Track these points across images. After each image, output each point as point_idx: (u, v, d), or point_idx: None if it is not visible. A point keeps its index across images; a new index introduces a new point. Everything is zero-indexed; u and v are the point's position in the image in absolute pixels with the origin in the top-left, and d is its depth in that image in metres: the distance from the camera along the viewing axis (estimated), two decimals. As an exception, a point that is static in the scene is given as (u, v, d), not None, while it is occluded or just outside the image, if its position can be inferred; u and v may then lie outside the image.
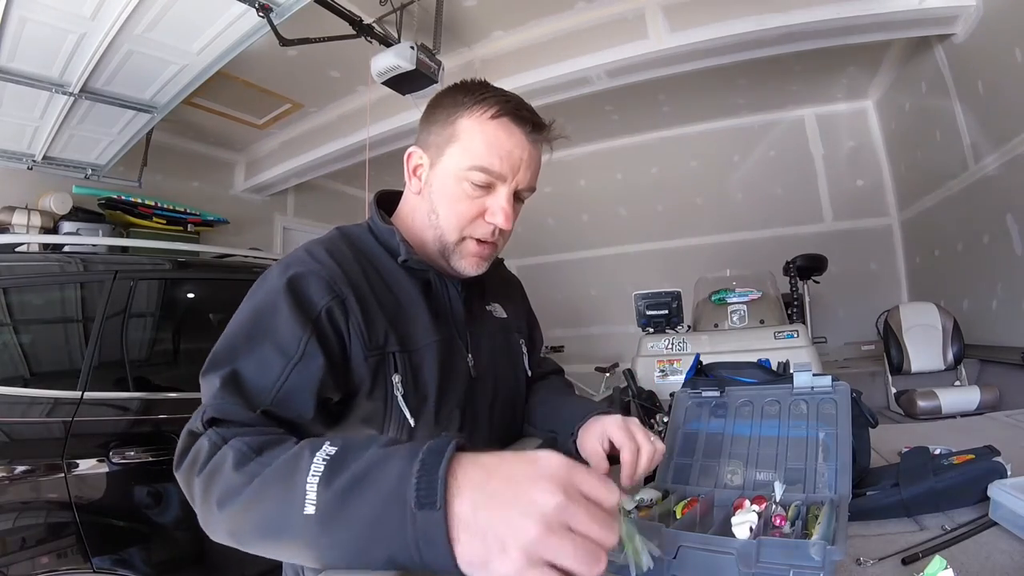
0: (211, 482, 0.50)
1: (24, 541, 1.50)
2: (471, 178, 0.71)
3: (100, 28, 2.31)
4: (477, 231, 0.74)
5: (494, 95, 0.72)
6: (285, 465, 0.46)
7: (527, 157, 0.73)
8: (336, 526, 0.40)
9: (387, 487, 0.40)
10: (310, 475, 0.42)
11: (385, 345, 0.69)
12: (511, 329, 0.91)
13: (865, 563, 0.58)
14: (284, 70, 3.63)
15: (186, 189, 4.50)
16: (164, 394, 1.84)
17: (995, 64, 2.92)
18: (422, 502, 0.37)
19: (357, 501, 0.40)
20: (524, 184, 0.74)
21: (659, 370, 2.82)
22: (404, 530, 0.38)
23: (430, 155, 0.75)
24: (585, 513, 0.37)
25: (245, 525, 0.47)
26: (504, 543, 0.35)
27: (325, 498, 0.41)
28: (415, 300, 0.75)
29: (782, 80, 4.46)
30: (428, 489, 0.38)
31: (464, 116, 0.72)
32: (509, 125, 0.71)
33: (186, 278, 2.08)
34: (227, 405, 0.57)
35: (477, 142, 0.71)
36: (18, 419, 1.59)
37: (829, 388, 0.79)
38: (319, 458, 0.44)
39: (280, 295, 0.65)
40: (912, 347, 3.35)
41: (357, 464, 0.42)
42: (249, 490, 0.46)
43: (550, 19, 3.48)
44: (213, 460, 0.51)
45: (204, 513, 0.51)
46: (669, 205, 5.64)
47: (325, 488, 0.41)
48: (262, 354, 0.62)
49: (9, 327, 1.74)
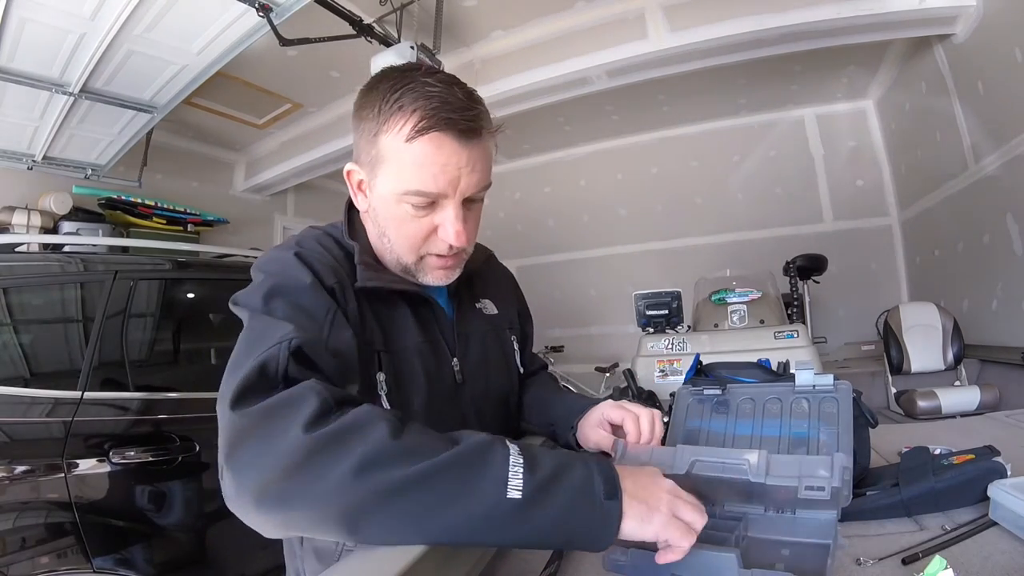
0: (343, 445, 0.45)
1: (24, 541, 1.50)
2: (410, 201, 0.65)
3: (100, 28, 2.32)
4: (433, 248, 0.69)
5: (411, 103, 0.62)
6: (475, 447, 0.49)
7: (465, 163, 0.64)
8: (538, 511, 0.46)
9: (577, 483, 0.49)
10: (511, 465, 0.47)
11: (372, 342, 0.69)
12: (502, 326, 0.90)
13: (865, 563, 0.58)
14: (284, 70, 3.63)
15: (186, 189, 4.50)
16: (164, 394, 1.84)
17: (995, 64, 2.92)
18: (609, 495, 0.49)
19: (556, 492, 0.48)
20: (471, 190, 0.66)
21: (659, 370, 2.82)
22: (594, 514, 0.48)
23: (367, 172, 0.69)
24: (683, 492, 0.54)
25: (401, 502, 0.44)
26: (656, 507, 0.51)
27: (531, 486, 0.47)
28: (398, 301, 0.74)
29: (782, 80, 4.46)
30: (611, 487, 0.50)
31: (383, 133, 0.64)
32: (437, 138, 0.62)
33: (186, 278, 2.08)
34: (312, 344, 0.54)
35: (405, 164, 0.63)
36: (18, 419, 1.59)
37: (831, 387, 0.79)
38: (514, 451, 0.49)
39: (295, 266, 0.65)
40: (912, 347, 3.35)
41: (547, 461, 0.50)
42: (427, 466, 0.45)
43: (550, 19, 3.48)
44: (345, 420, 0.46)
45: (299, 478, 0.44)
46: (669, 205, 5.64)
47: (531, 477, 0.47)
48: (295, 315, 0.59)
49: (9, 327, 1.74)
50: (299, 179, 5.00)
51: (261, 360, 0.50)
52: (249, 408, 0.48)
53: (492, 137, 0.68)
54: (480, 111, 0.65)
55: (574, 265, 6.06)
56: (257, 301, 0.59)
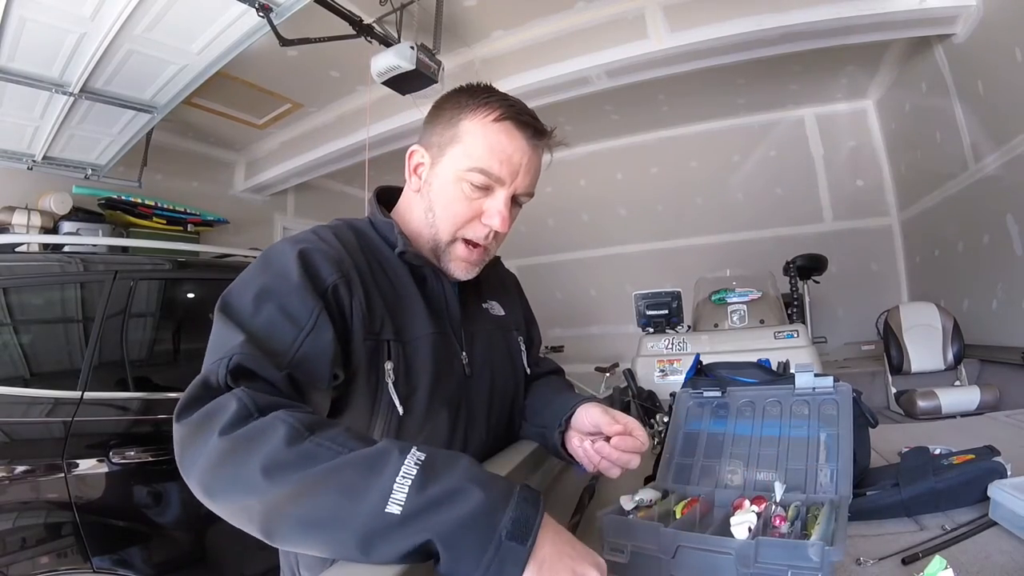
0: (249, 448, 0.47)
1: (24, 541, 1.50)
2: (470, 179, 0.72)
3: (100, 28, 2.31)
4: (471, 232, 0.74)
5: (498, 99, 0.73)
6: (367, 459, 0.46)
7: (527, 162, 0.73)
8: (416, 529, 0.42)
9: (478, 509, 0.43)
10: (400, 476, 0.44)
11: (381, 332, 0.69)
12: (509, 327, 0.91)
13: (865, 563, 0.58)
14: (284, 70, 3.63)
15: (186, 189, 4.50)
16: (164, 394, 1.84)
17: (995, 64, 2.92)
18: (514, 535, 0.42)
19: (445, 512, 0.43)
20: (523, 189, 0.74)
21: (659, 370, 2.82)
22: (484, 551, 0.42)
23: (432, 155, 0.76)
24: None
25: (294, 505, 0.45)
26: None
27: (415, 501, 0.43)
28: (412, 293, 0.75)
29: (782, 80, 4.46)
30: (524, 527, 0.43)
31: (467, 118, 0.73)
32: (511, 129, 0.72)
33: (186, 278, 2.08)
34: (255, 358, 0.55)
35: (478, 144, 0.72)
36: (18, 419, 1.60)
37: (831, 389, 0.79)
38: (411, 460, 0.45)
39: (291, 265, 0.65)
40: (912, 347, 3.35)
41: (450, 477, 0.45)
42: (315, 471, 0.45)
43: (550, 19, 3.48)
44: (251, 427, 0.48)
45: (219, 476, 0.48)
46: (669, 205, 5.64)
47: (417, 492, 0.43)
48: (274, 317, 0.61)
49: (9, 327, 1.75)
50: (299, 179, 5.00)
51: (203, 376, 0.54)
52: (188, 419, 0.52)
53: (549, 152, 0.78)
54: (547, 132, 0.76)
55: (574, 265, 6.06)
56: (247, 301, 0.62)
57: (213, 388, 0.53)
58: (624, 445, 0.72)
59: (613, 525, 0.63)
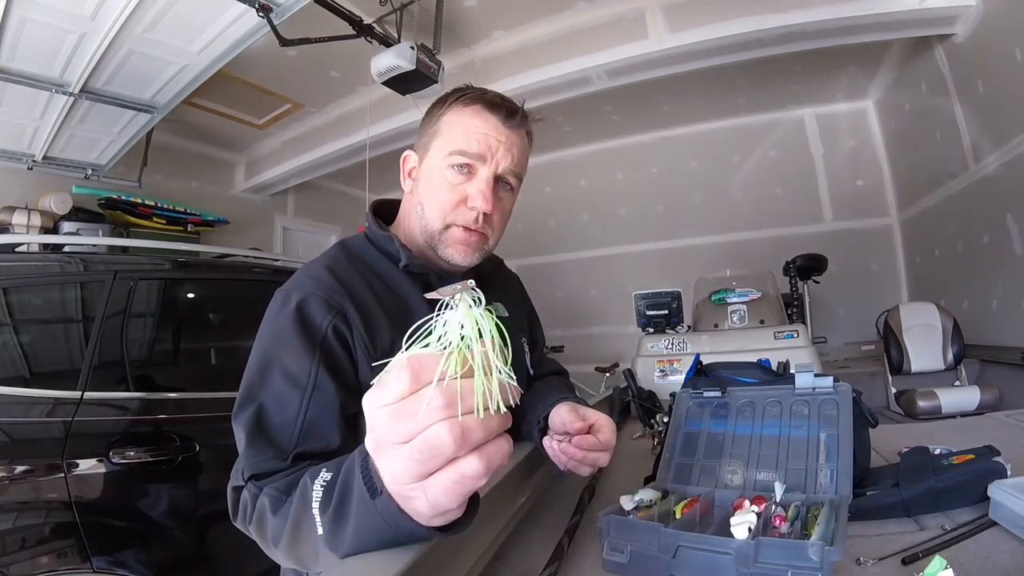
0: (261, 528, 0.58)
1: (24, 541, 1.49)
2: (451, 162, 0.75)
3: (100, 28, 2.32)
4: (460, 218, 0.76)
5: (471, 90, 0.78)
6: (300, 499, 0.51)
7: (504, 140, 0.76)
8: (340, 539, 0.46)
9: (355, 495, 0.44)
10: (313, 502, 0.48)
11: (392, 350, 0.70)
12: (513, 328, 0.92)
13: (865, 563, 0.58)
14: (284, 70, 3.63)
15: (186, 189, 4.50)
16: (164, 394, 1.84)
17: (995, 64, 2.92)
18: (372, 492, 0.42)
19: (344, 514, 0.46)
20: (505, 166, 0.76)
21: (659, 370, 2.81)
22: (376, 520, 0.42)
23: (420, 155, 0.80)
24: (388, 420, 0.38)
25: (296, 555, 0.54)
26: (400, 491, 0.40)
27: (326, 519, 0.47)
28: (419, 303, 0.76)
29: (782, 80, 4.46)
30: (369, 484, 0.42)
31: (445, 113, 0.78)
32: (481, 110, 0.76)
33: (186, 278, 2.07)
34: (260, 460, 0.62)
35: (455, 131, 0.76)
36: (18, 419, 1.59)
37: (831, 389, 0.79)
38: (317, 486, 0.49)
39: (285, 326, 0.68)
40: (912, 347, 3.35)
41: (338, 484, 0.47)
42: (287, 528, 0.53)
43: (550, 19, 3.48)
44: (256, 510, 0.59)
45: (268, 551, 0.59)
46: (669, 205, 5.64)
47: (323, 512, 0.47)
48: (277, 388, 0.65)
49: (9, 327, 1.74)
50: (299, 179, 5.00)
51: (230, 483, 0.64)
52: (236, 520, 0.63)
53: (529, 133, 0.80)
54: (520, 109, 0.78)
55: (574, 265, 6.06)
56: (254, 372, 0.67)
57: (238, 489, 0.63)
58: (584, 444, 0.72)
59: (613, 525, 0.63)
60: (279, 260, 2.75)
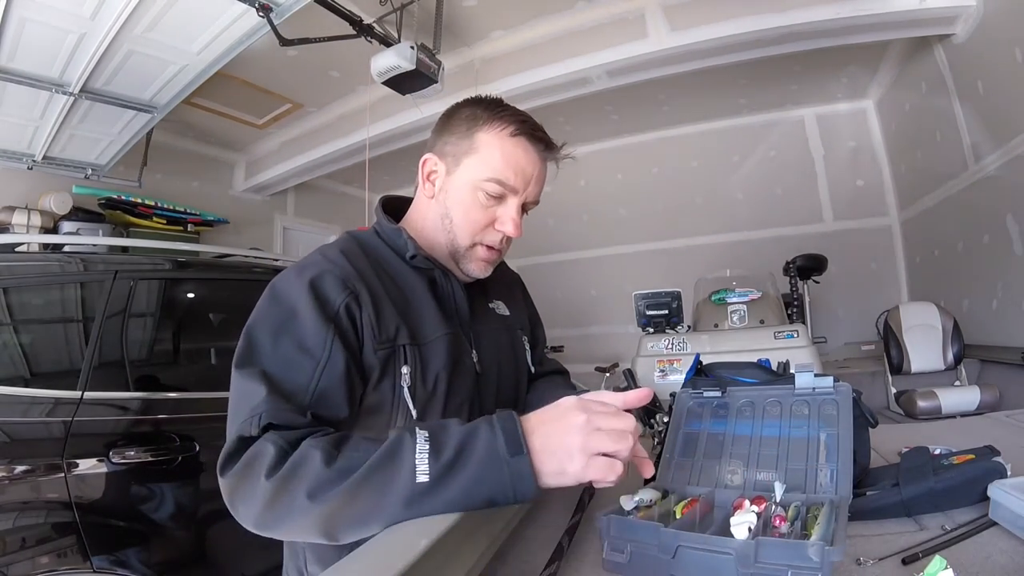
0: (292, 481, 0.55)
1: (24, 541, 1.49)
2: (486, 188, 0.76)
3: (100, 28, 2.32)
4: (487, 238, 0.79)
5: (512, 114, 0.79)
6: (388, 453, 0.55)
7: (537, 173, 0.79)
8: (446, 488, 0.53)
9: (481, 452, 0.54)
10: (418, 453, 0.54)
11: (396, 338, 0.72)
12: (514, 326, 0.93)
13: (865, 563, 0.58)
14: (284, 70, 3.63)
15: (186, 189, 4.50)
16: (164, 394, 1.84)
17: (995, 64, 2.92)
18: (513, 452, 0.54)
19: (461, 465, 0.54)
20: (532, 197, 0.80)
21: (659, 370, 2.82)
22: (502, 476, 0.53)
23: (446, 163, 0.80)
24: (603, 416, 0.57)
25: (347, 510, 0.54)
26: (569, 453, 0.55)
27: (436, 468, 0.53)
28: (423, 296, 0.78)
29: (782, 80, 4.46)
30: (514, 444, 0.54)
31: (483, 130, 0.77)
32: (525, 143, 0.77)
33: (186, 278, 2.07)
34: (281, 411, 0.60)
35: (495, 156, 0.76)
36: (18, 419, 1.59)
37: (831, 389, 0.79)
38: (421, 438, 0.55)
39: (300, 296, 0.68)
40: (912, 347, 3.35)
41: (452, 439, 0.55)
42: (353, 479, 0.54)
43: (550, 19, 3.48)
44: (291, 462, 0.56)
45: (275, 512, 0.56)
46: (669, 205, 5.64)
47: (435, 460, 0.54)
48: (290, 356, 0.65)
49: (9, 327, 1.74)
50: (299, 179, 5.00)
51: (237, 433, 0.60)
52: (231, 471, 0.59)
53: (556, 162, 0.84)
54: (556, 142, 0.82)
55: (574, 265, 6.06)
56: (265, 338, 0.67)
57: (248, 440, 0.59)
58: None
59: (613, 525, 0.63)
60: (279, 260, 2.75)
